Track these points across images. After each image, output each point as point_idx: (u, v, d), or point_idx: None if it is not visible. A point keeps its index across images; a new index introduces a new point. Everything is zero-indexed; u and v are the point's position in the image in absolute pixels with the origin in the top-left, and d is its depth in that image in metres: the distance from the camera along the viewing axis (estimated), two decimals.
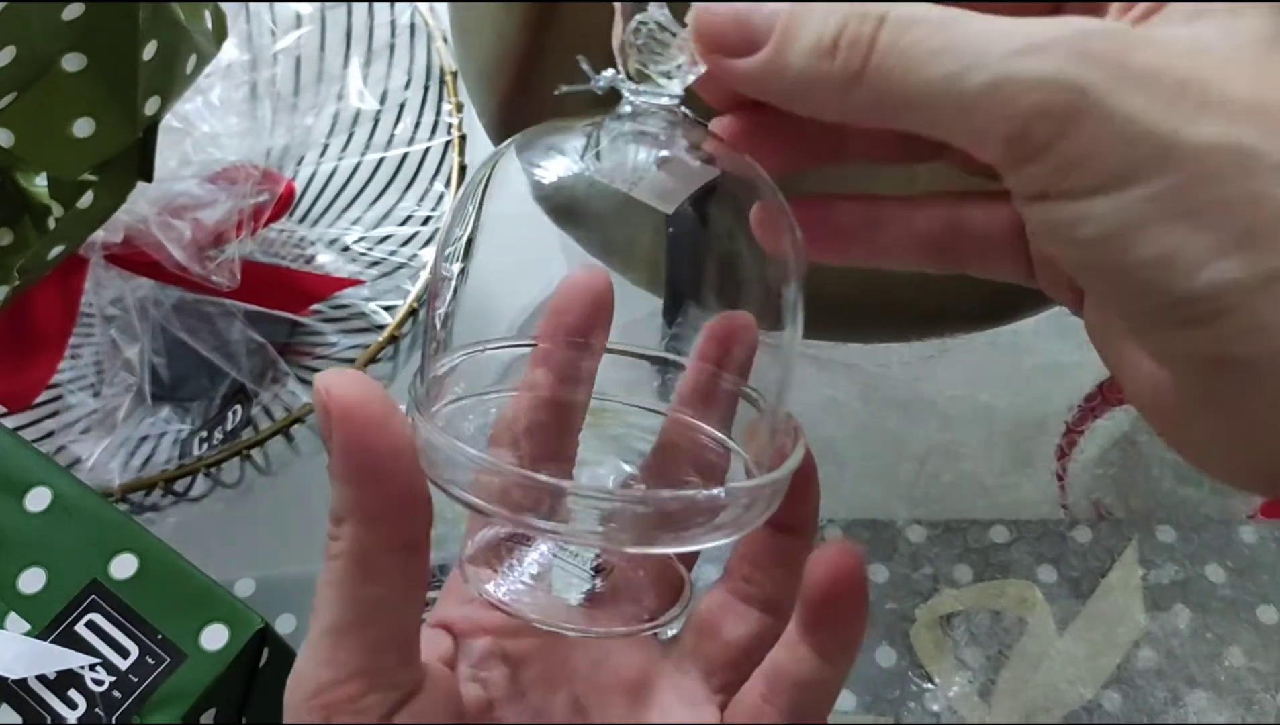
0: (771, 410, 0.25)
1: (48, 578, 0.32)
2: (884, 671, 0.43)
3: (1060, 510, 0.47)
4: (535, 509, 0.21)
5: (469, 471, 0.22)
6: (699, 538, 0.22)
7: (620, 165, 0.22)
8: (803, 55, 0.19)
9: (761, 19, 0.20)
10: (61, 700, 0.31)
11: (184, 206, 0.45)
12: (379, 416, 0.20)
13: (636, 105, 0.23)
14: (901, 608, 0.44)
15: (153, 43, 0.35)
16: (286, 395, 0.48)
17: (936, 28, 0.18)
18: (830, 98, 0.19)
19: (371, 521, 0.21)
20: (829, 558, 0.24)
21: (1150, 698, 0.42)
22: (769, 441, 0.24)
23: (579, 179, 0.23)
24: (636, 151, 0.23)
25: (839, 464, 0.48)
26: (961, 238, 0.24)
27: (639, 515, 0.22)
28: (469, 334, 0.25)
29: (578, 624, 0.24)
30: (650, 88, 0.22)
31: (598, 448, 0.27)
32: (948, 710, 0.42)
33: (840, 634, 0.25)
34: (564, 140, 0.23)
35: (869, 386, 0.49)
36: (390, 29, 0.55)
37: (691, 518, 0.22)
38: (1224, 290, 0.17)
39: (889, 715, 0.42)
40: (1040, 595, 0.44)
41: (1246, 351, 0.17)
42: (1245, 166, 0.17)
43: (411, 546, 0.21)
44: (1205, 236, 0.17)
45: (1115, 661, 0.43)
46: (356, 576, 0.21)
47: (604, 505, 0.22)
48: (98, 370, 0.50)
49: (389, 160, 0.54)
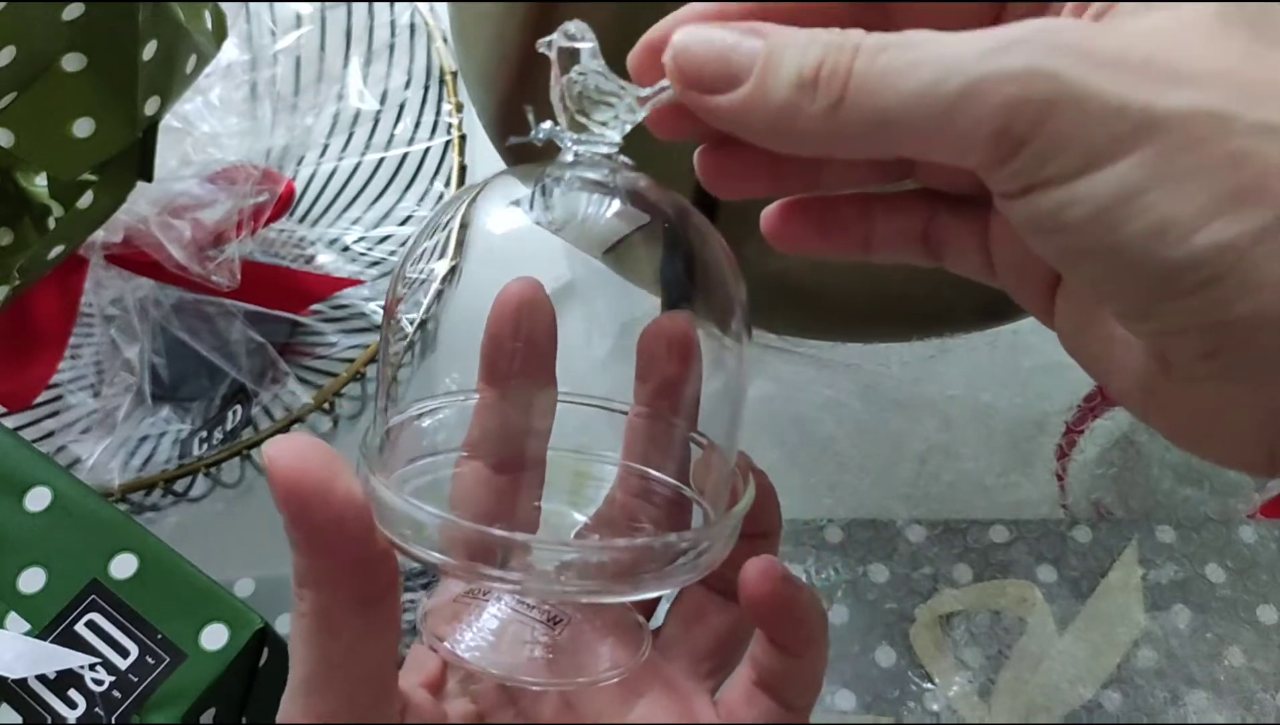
0: (721, 453, 0.25)
1: (48, 577, 0.32)
2: (884, 671, 0.43)
3: (1060, 510, 0.47)
4: (491, 562, 0.22)
5: (422, 527, 0.22)
6: (656, 584, 0.23)
7: (568, 215, 0.23)
8: (784, 89, 0.19)
9: (742, 55, 0.20)
10: (61, 700, 0.31)
11: (184, 206, 0.45)
12: (323, 486, 0.21)
13: (578, 155, 0.23)
14: (901, 608, 0.44)
15: (153, 43, 0.35)
16: (286, 395, 0.48)
17: (908, 47, 0.19)
18: (812, 129, 0.19)
19: (326, 587, 0.22)
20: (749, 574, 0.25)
21: (1150, 698, 0.42)
22: (722, 483, 0.25)
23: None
24: (579, 200, 0.23)
25: (839, 464, 0.48)
26: (939, 234, 0.25)
27: (595, 565, 0.22)
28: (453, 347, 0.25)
29: (539, 677, 0.24)
30: (589, 137, 0.23)
31: (551, 498, 0.27)
32: (948, 710, 0.42)
33: (790, 634, 0.25)
34: (514, 190, 0.24)
35: (869, 386, 0.49)
36: (390, 29, 0.55)
37: (647, 565, 0.22)
38: (1220, 252, 0.17)
39: (889, 715, 0.42)
40: (1040, 595, 0.44)
41: (1248, 309, 0.17)
42: (1223, 128, 0.17)
43: (371, 600, 0.22)
44: (1195, 200, 0.17)
45: (1115, 661, 0.43)
46: (322, 633, 0.22)
47: (560, 556, 0.23)
48: (98, 370, 0.50)
49: (389, 160, 0.54)
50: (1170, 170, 0.17)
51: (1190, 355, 0.19)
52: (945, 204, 0.24)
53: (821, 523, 0.46)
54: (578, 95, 0.22)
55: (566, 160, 0.24)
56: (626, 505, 0.27)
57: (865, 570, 0.45)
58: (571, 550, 0.23)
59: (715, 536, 0.24)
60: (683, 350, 0.25)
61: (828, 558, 0.45)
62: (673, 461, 0.26)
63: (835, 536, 0.45)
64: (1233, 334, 0.18)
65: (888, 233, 0.25)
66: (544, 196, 0.24)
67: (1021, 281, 0.24)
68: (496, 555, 0.22)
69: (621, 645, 0.26)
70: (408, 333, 0.25)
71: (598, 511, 0.27)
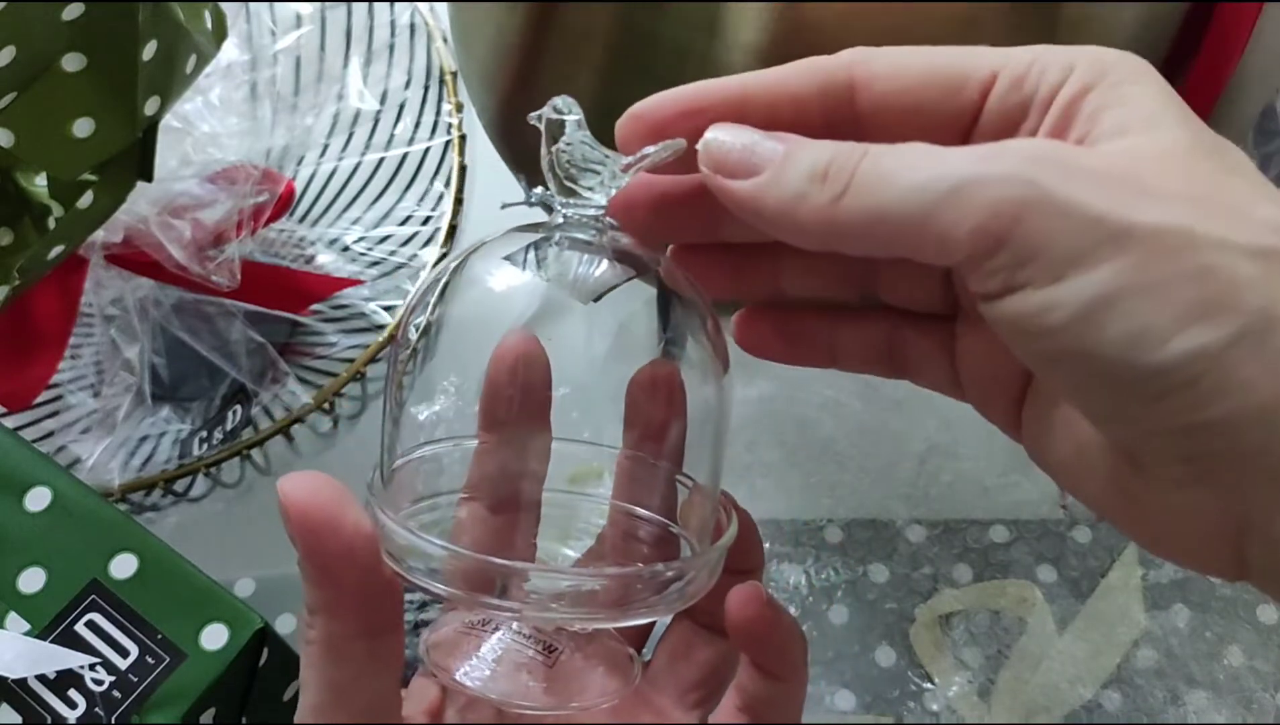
0: (705, 492, 0.26)
1: (48, 577, 0.32)
2: (884, 671, 0.43)
3: (1060, 510, 0.47)
4: (490, 591, 0.23)
5: (428, 558, 0.24)
6: (645, 611, 0.24)
7: (560, 271, 0.25)
8: (797, 179, 0.21)
9: (765, 149, 0.22)
10: (61, 700, 0.31)
11: (184, 206, 0.45)
12: (333, 518, 0.22)
13: (567, 216, 0.25)
14: (901, 608, 0.44)
15: (153, 43, 0.35)
16: (286, 395, 0.48)
17: (908, 153, 0.21)
18: (815, 217, 0.21)
19: (335, 615, 0.23)
20: (735, 599, 0.26)
21: (1150, 697, 0.42)
22: (706, 520, 0.26)
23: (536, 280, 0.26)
24: (571, 257, 0.25)
25: (839, 464, 0.48)
26: (904, 349, 0.26)
27: (588, 593, 0.24)
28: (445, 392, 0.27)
29: (535, 702, 0.26)
30: (577, 201, 0.25)
31: (546, 537, 0.28)
32: (947, 710, 0.42)
33: (774, 658, 0.27)
34: (509, 249, 0.26)
35: (869, 386, 0.49)
36: (390, 29, 0.55)
37: (637, 593, 0.24)
38: (1194, 357, 0.18)
39: (889, 715, 0.42)
40: (1040, 595, 0.44)
41: (1222, 412, 0.18)
42: (1191, 243, 0.18)
43: (377, 631, 0.24)
44: (1170, 308, 0.18)
45: (1115, 661, 0.43)
46: (328, 661, 0.24)
47: (556, 584, 0.24)
48: (98, 370, 0.50)
49: (389, 160, 0.54)
50: (1146, 279, 0.18)
51: (1166, 458, 0.20)
52: (909, 321, 0.26)
53: (821, 523, 0.46)
54: (565, 163, 0.24)
55: (557, 222, 0.25)
56: (617, 542, 0.28)
57: (865, 570, 0.45)
58: (566, 578, 0.25)
59: (701, 566, 0.25)
60: (668, 396, 0.27)
61: (828, 558, 0.45)
62: (660, 500, 0.28)
63: (835, 536, 0.45)
64: (1208, 436, 0.19)
65: (852, 345, 0.27)
66: (537, 253, 0.25)
67: (988, 395, 0.25)
68: (496, 584, 0.23)
69: (613, 674, 0.27)
70: (410, 374, 0.26)
71: (590, 548, 0.29)
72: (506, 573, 0.23)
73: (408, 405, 0.26)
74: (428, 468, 0.27)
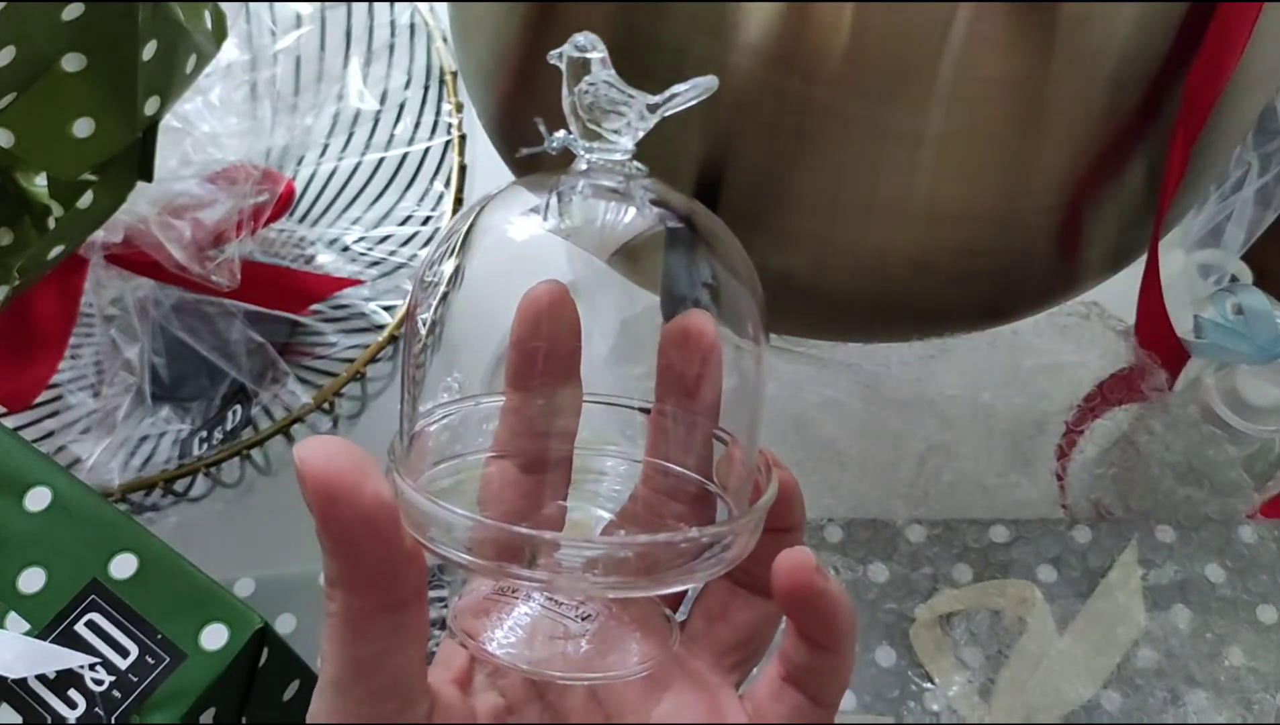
0: (744, 449, 0.25)
1: (48, 577, 0.32)
2: (884, 671, 0.43)
3: (1060, 510, 0.47)
4: (519, 560, 0.22)
5: (452, 528, 0.22)
6: (681, 578, 0.23)
7: (585, 221, 0.24)
8: None
9: None
10: (61, 700, 0.31)
11: (184, 206, 0.45)
12: (352, 486, 0.21)
13: (591, 162, 0.24)
14: (901, 607, 0.44)
15: (153, 43, 0.35)
16: (286, 395, 0.48)
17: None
18: None
19: (355, 589, 0.22)
20: (782, 566, 0.24)
21: (1150, 697, 0.42)
22: (745, 478, 0.25)
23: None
24: (595, 206, 0.24)
25: (839, 464, 0.48)
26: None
27: (621, 560, 0.23)
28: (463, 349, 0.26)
29: (568, 671, 0.25)
30: (602, 145, 0.23)
31: (578, 497, 0.27)
32: (947, 710, 0.42)
33: (822, 628, 0.25)
34: (530, 199, 0.24)
35: (869, 386, 0.49)
36: (390, 29, 0.55)
37: (673, 559, 0.23)
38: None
39: (889, 715, 0.42)
40: (1040, 595, 0.44)
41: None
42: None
43: (398, 605, 0.22)
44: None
45: (1115, 661, 0.43)
46: (348, 636, 0.22)
47: (587, 553, 0.23)
48: (98, 370, 0.50)
49: (389, 160, 0.54)
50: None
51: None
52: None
53: (821, 523, 0.46)
54: (589, 105, 0.23)
55: (581, 168, 0.24)
56: (651, 501, 0.27)
57: (865, 570, 0.45)
58: (597, 547, 0.23)
59: (739, 531, 0.24)
60: (704, 347, 0.25)
61: (828, 558, 0.45)
62: (696, 457, 0.26)
63: (835, 536, 0.45)
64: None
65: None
66: (560, 203, 0.24)
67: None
68: (524, 554, 0.22)
69: (649, 639, 0.26)
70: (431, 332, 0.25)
71: (623, 508, 0.27)
72: (535, 542, 0.22)
73: (427, 366, 0.25)
74: (451, 428, 0.26)
